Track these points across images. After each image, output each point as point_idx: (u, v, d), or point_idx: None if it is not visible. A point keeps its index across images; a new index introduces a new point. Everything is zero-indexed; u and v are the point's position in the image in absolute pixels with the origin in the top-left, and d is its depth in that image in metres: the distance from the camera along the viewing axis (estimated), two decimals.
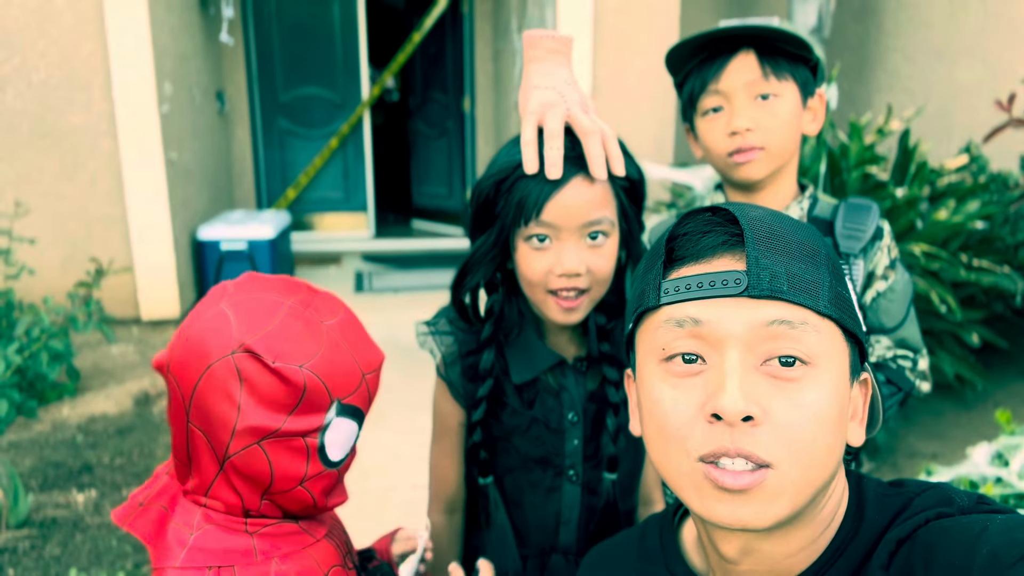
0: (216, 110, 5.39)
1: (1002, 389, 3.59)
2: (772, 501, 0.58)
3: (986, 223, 3.17)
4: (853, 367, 0.63)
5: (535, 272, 0.95)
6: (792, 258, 0.60)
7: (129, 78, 4.06)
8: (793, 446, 0.57)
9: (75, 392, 3.70)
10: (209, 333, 0.76)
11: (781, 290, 0.58)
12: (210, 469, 0.79)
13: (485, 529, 1.09)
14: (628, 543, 0.83)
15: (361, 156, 6.22)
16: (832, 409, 0.59)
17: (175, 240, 4.34)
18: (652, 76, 4.59)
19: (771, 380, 0.58)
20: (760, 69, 1.11)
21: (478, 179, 0.99)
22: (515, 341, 1.05)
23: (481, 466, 1.06)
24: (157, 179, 4.21)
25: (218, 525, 0.80)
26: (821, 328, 0.59)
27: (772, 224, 0.62)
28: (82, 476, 2.99)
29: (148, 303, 4.37)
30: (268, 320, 0.76)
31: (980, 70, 4.50)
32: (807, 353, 0.58)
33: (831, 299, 0.60)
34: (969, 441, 2.91)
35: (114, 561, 2.48)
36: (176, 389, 0.78)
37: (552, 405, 1.04)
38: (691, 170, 3.90)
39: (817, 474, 0.59)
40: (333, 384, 0.78)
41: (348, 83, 6.07)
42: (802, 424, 0.57)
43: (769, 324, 0.58)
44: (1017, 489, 1.74)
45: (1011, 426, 1.99)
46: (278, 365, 0.74)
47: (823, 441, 0.58)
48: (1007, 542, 0.51)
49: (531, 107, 0.95)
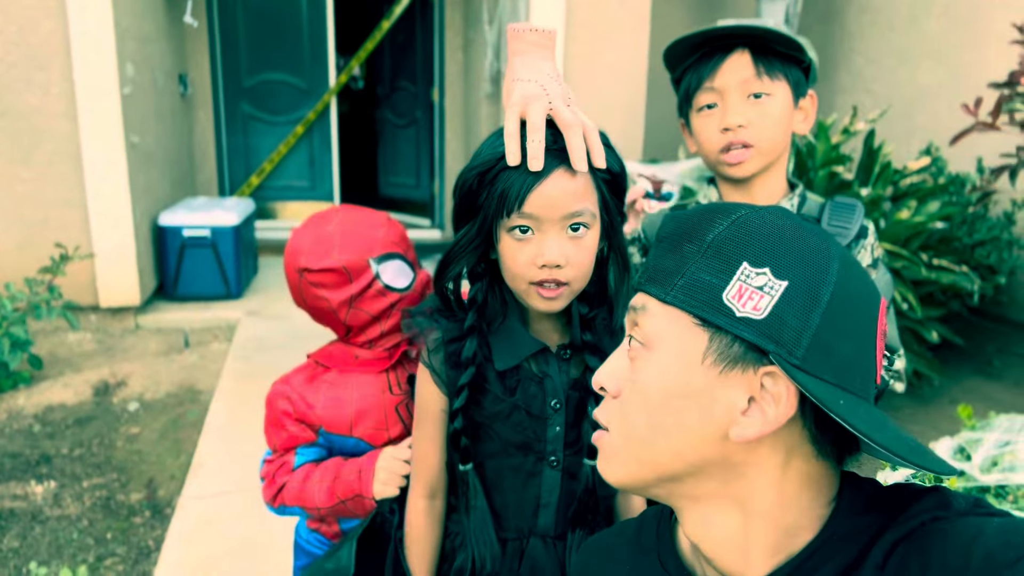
0: (179, 93, 5.27)
1: (957, 385, 3.70)
2: (607, 461, 0.68)
3: (945, 223, 3.26)
4: (722, 355, 0.61)
5: (517, 263, 0.98)
6: (667, 251, 0.66)
7: (90, 58, 3.94)
8: (622, 417, 0.66)
9: (30, 381, 3.60)
10: (286, 265, 1.25)
11: (641, 282, 0.67)
12: (340, 329, 1.29)
13: (464, 515, 1.11)
14: (625, 534, 0.84)
15: (327, 144, 6.13)
16: (656, 390, 0.63)
17: (136, 226, 4.23)
18: (623, 71, 4.61)
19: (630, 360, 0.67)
20: (754, 68, 1.13)
21: (462, 170, 1.01)
22: (499, 329, 1.07)
23: (462, 453, 1.08)
24: (118, 163, 4.09)
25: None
26: (659, 314, 0.64)
27: (686, 219, 0.67)
28: (40, 467, 2.91)
29: (107, 290, 4.26)
30: (306, 243, 1.22)
31: (941, 73, 4.61)
32: (643, 336, 0.66)
33: (685, 288, 0.62)
34: (926, 435, 3.00)
35: (75, 554, 2.42)
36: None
37: (535, 392, 1.06)
38: (661, 166, 3.94)
39: (641, 448, 0.65)
40: (360, 251, 1.21)
41: (315, 69, 5.97)
42: (629, 399, 0.66)
43: (632, 310, 0.68)
44: (979, 483, 1.80)
45: (972, 421, 2.05)
46: (323, 264, 1.20)
47: (641, 418, 0.64)
48: (1003, 544, 0.52)
49: (514, 99, 0.97)
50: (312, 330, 1.49)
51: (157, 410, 3.40)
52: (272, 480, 1.28)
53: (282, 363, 1.51)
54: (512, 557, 1.12)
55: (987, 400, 3.51)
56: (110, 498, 2.73)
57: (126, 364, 3.87)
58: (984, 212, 3.73)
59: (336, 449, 1.28)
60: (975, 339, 4.05)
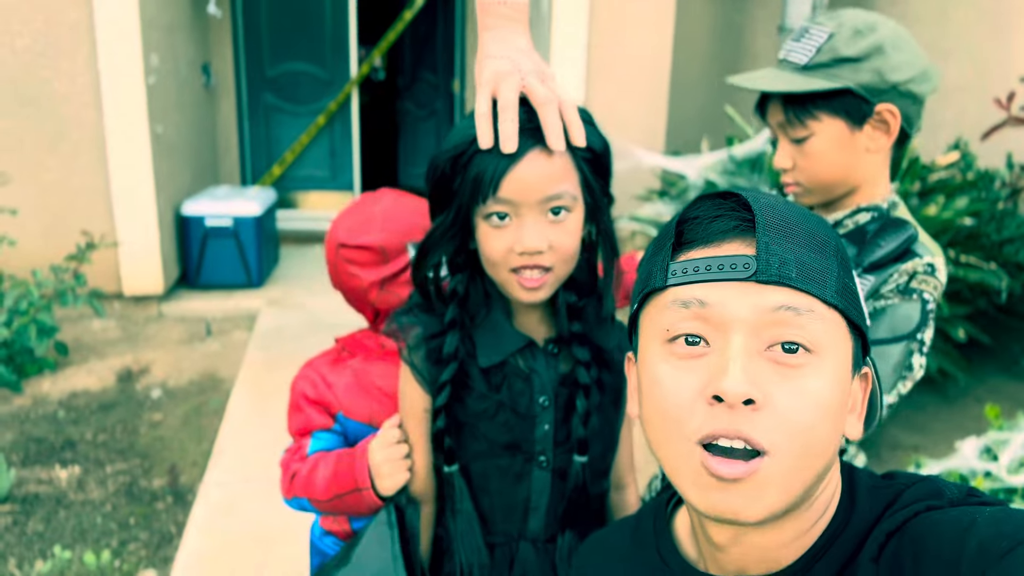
0: (202, 83, 5.30)
1: (983, 384, 3.65)
2: (764, 492, 0.57)
3: (974, 220, 3.21)
4: (856, 360, 0.63)
5: (496, 251, 0.92)
6: (802, 246, 0.60)
7: (115, 48, 3.97)
8: (792, 432, 0.57)
9: (55, 367, 3.65)
10: (327, 242, 1.24)
11: (789, 277, 0.58)
12: (369, 313, 1.26)
13: (451, 518, 1.05)
14: (623, 530, 0.83)
15: (348, 135, 6.15)
16: (833, 398, 0.59)
17: (159, 215, 4.27)
18: (646, 64, 4.57)
19: (774, 366, 0.58)
20: (784, 116, 1.13)
21: (433, 155, 0.95)
22: (482, 323, 1.01)
23: (446, 454, 1.02)
24: (142, 152, 4.13)
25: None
26: (826, 317, 0.59)
27: (784, 212, 0.62)
28: (64, 452, 2.95)
29: (131, 278, 4.30)
30: (349, 219, 1.22)
31: (968, 68, 4.53)
32: (811, 341, 0.58)
33: (838, 289, 0.60)
34: (951, 434, 2.96)
35: (99, 538, 2.45)
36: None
37: (521, 389, 1.01)
38: (684, 159, 3.91)
39: (813, 464, 0.59)
40: (400, 233, 1.18)
41: (336, 60, 5.98)
42: (802, 411, 0.57)
43: (775, 310, 0.58)
44: (1006, 483, 1.77)
45: (999, 421, 2.02)
46: (359, 240, 1.18)
47: (822, 429, 0.58)
48: (995, 535, 0.51)
49: (484, 78, 0.91)
50: (334, 320, 1.48)
51: (179, 397, 3.44)
52: (287, 469, 1.24)
53: (303, 353, 1.50)
54: (501, 563, 1.06)
55: (1013, 400, 3.45)
56: (133, 483, 2.77)
57: (149, 352, 3.91)
58: (1014, 209, 3.66)
59: (352, 437, 1.24)
60: (1002, 338, 3.98)
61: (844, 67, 1.08)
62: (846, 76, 1.08)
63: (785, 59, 1.14)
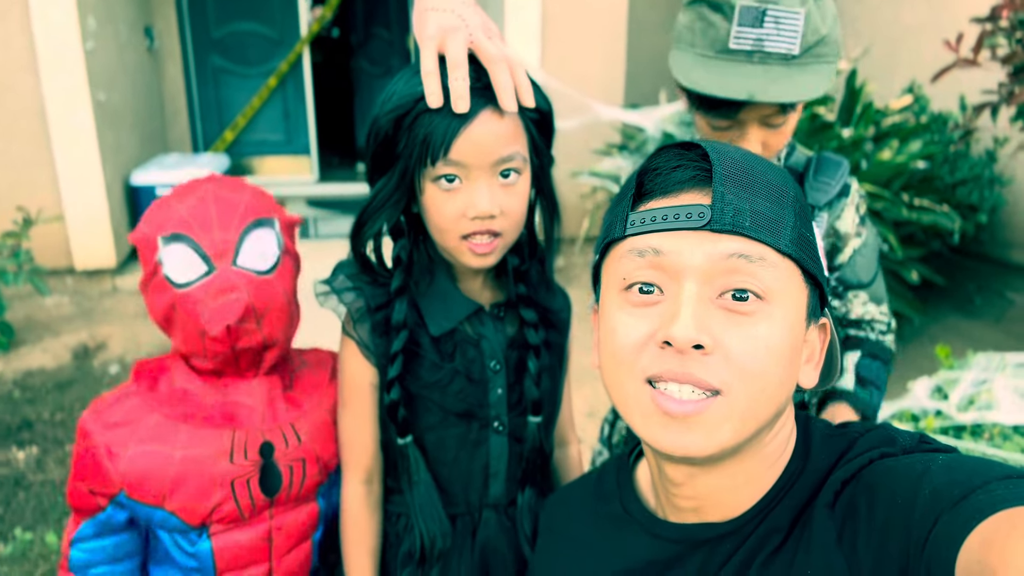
0: (145, 47, 5.10)
1: (937, 324, 3.73)
2: (716, 428, 0.59)
3: (927, 163, 3.24)
4: (812, 310, 0.64)
5: (445, 217, 0.88)
6: (758, 196, 0.60)
7: (48, 10, 3.79)
8: (743, 374, 0.58)
9: (8, 347, 3.55)
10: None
11: (743, 226, 0.59)
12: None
13: (408, 492, 1.01)
14: (586, 485, 0.85)
15: (302, 96, 5.99)
16: (784, 344, 0.60)
17: (107, 186, 4.14)
18: (602, 17, 4.50)
19: (726, 313, 0.59)
20: (777, 110, 1.03)
21: (374, 115, 0.90)
22: (428, 290, 0.98)
23: (400, 425, 0.98)
24: (85, 121, 3.98)
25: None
26: (779, 265, 0.60)
27: (743, 162, 0.62)
28: (21, 432, 2.89)
29: (82, 252, 4.18)
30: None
31: (925, 11, 4.54)
32: (763, 288, 0.59)
33: (793, 239, 0.61)
34: (907, 375, 3.03)
35: (60, 519, 2.42)
36: None
37: (473, 355, 0.99)
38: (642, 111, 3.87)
39: (764, 406, 0.60)
40: (152, 224, 0.95)
41: (285, 18, 5.79)
42: (752, 353, 0.59)
43: (727, 257, 0.59)
44: (956, 421, 1.81)
45: (950, 361, 2.06)
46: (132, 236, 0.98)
47: (773, 373, 0.59)
48: (948, 482, 0.52)
49: (428, 32, 0.86)
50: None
51: None
52: (63, 559, 0.99)
53: None
54: (463, 534, 1.03)
55: (967, 338, 3.54)
56: None
57: (105, 326, 3.82)
58: (966, 150, 3.71)
59: (141, 519, 0.97)
60: (956, 278, 4.07)
61: (824, 44, 1.02)
62: (831, 53, 1.03)
63: (766, 51, 0.99)
